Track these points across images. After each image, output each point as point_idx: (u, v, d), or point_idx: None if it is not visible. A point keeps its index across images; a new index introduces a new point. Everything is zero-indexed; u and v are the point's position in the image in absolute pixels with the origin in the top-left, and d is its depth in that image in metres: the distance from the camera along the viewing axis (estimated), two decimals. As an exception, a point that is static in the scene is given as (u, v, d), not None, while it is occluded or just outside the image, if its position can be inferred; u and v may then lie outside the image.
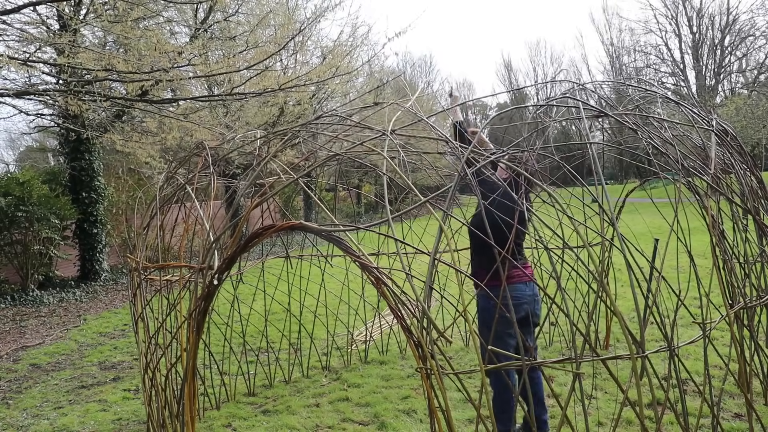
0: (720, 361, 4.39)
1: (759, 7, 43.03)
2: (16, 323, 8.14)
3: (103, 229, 11.59)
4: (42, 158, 19.36)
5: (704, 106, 23.39)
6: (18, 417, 4.54)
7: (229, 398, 4.59)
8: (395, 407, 4.15)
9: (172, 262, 3.33)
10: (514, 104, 34.54)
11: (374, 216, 25.24)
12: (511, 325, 2.51)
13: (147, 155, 10.19)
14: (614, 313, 2.09)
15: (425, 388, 2.29)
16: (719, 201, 2.88)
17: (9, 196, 9.54)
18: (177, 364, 3.20)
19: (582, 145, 4.01)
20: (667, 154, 2.69)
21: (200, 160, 3.66)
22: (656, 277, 2.55)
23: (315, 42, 14.25)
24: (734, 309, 2.73)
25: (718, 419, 2.64)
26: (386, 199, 2.33)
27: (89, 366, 5.89)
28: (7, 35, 6.89)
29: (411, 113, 2.92)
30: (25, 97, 7.82)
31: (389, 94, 20.43)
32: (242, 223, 2.88)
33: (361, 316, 6.20)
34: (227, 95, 8.22)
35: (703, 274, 7.15)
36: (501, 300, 2.29)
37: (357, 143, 2.92)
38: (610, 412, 3.78)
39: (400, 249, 2.34)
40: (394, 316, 2.30)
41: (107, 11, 7.23)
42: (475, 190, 2.42)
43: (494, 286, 3.01)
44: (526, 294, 3.17)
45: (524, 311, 3.16)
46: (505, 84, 53.29)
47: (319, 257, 5.43)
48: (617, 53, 41.99)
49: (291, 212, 15.96)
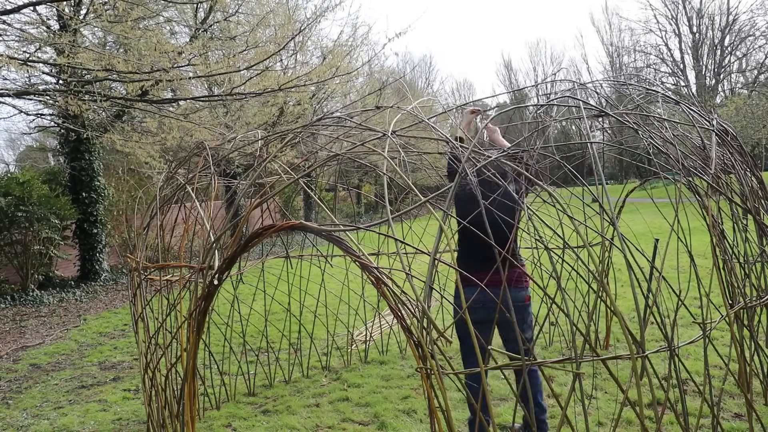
0: (720, 361, 4.39)
1: (759, 7, 43.04)
2: (16, 323, 8.14)
3: (103, 229, 11.59)
4: (42, 158, 19.35)
5: (704, 106, 23.39)
6: (18, 417, 4.54)
7: (229, 398, 4.59)
8: (395, 407, 4.15)
9: (172, 262, 3.33)
10: (514, 104, 34.55)
11: (374, 216, 25.24)
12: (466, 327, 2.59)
13: (147, 155, 10.19)
14: (614, 313, 2.09)
15: (425, 388, 2.29)
16: (719, 201, 2.88)
17: (9, 196, 9.54)
18: (177, 364, 3.20)
19: (582, 144, 4.01)
20: (667, 153, 2.69)
21: (200, 160, 3.66)
22: (656, 277, 2.55)
23: (315, 42, 14.27)
24: (734, 309, 2.73)
25: (718, 419, 2.64)
26: (386, 199, 2.33)
27: (89, 366, 5.89)
28: (7, 35, 6.90)
29: (412, 115, 2.93)
30: (25, 97, 7.82)
31: (389, 94, 20.44)
32: (242, 223, 2.88)
33: (361, 316, 6.20)
34: (227, 95, 8.22)
35: (703, 274, 7.15)
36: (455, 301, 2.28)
37: (357, 144, 2.92)
38: (610, 412, 3.78)
39: (400, 249, 2.34)
40: (394, 316, 2.30)
41: (107, 11, 7.23)
42: (475, 189, 2.40)
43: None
44: (478, 299, 2.98)
45: (480, 315, 3.05)
46: (505, 84, 53.30)
47: (319, 257, 5.43)
48: (617, 53, 42.01)
49: (291, 212, 15.96)
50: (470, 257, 3.33)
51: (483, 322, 2.99)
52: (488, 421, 3.16)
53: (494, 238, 2.29)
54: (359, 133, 3.47)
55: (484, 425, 2.28)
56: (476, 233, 2.33)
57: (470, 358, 3.39)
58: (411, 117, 2.95)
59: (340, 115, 3.43)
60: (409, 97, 3.38)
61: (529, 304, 3.35)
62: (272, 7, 12.01)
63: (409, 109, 2.94)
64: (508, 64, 63.80)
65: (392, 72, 25.65)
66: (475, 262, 3.23)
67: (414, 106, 2.96)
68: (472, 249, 3.32)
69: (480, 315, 3.04)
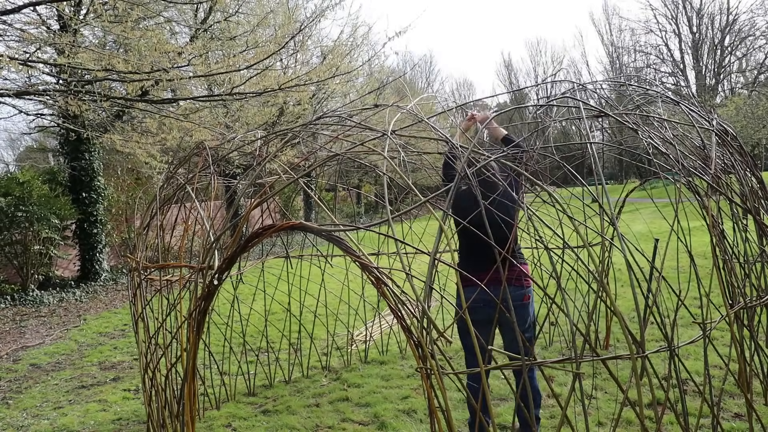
0: (720, 361, 4.39)
1: (759, 7, 43.01)
2: (16, 323, 8.14)
3: (103, 229, 11.59)
4: (42, 158, 19.34)
5: (704, 106, 23.36)
6: (18, 417, 4.54)
7: (229, 398, 4.59)
8: (395, 407, 4.15)
9: (172, 262, 3.33)
10: (515, 104, 34.56)
11: (374, 216, 25.24)
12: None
13: (147, 155, 10.19)
14: (614, 313, 2.08)
15: (425, 388, 2.29)
16: (719, 201, 2.88)
17: (9, 196, 9.54)
18: (177, 364, 3.20)
19: (582, 144, 4.01)
20: (667, 153, 2.69)
21: (200, 160, 3.66)
22: (656, 277, 2.55)
23: (315, 42, 14.27)
24: (734, 309, 2.73)
25: (718, 419, 2.64)
26: (386, 199, 2.33)
27: (89, 366, 5.89)
28: (7, 35, 6.89)
29: (412, 114, 2.92)
30: (25, 97, 7.82)
31: (389, 94, 20.43)
32: (242, 223, 2.88)
33: (361, 316, 6.20)
34: (227, 95, 8.22)
35: (703, 274, 7.15)
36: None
37: (357, 143, 2.92)
38: (610, 412, 3.78)
39: (400, 249, 2.34)
40: (394, 316, 2.30)
41: (107, 11, 7.22)
42: (474, 190, 2.40)
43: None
44: (478, 298, 2.97)
45: (481, 315, 3.07)
46: (505, 84, 53.31)
47: (319, 257, 5.43)
48: (617, 53, 42.04)
49: (291, 212, 15.96)
50: (470, 257, 3.33)
51: (485, 321, 3.00)
52: (488, 422, 3.16)
53: (493, 238, 2.29)
54: (359, 132, 3.47)
55: (484, 425, 2.28)
56: (475, 232, 2.33)
57: (470, 357, 3.39)
58: (411, 116, 2.95)
59: (340, 115, 3.43)
60: (409, 96, 3.38)
61: (528, 303, 3.32)
62: (272, 7, 12.02)
63: (408, 108, 2.94)
64: (508, 64, 63.72)
65: (392, 72, 25.65)
66: (475, 261, 3.23)
67: (413, 105, 2.96)
68: (471, 249, 3.32)
69: (481, 315, 3.05)
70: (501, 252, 2.25)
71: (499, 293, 2.35)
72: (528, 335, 3.30)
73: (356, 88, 18.70)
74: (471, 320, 2.17)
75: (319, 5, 19.44)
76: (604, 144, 3.32)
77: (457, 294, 3.07)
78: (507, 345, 3.38)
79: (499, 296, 2.35)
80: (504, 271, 2.26)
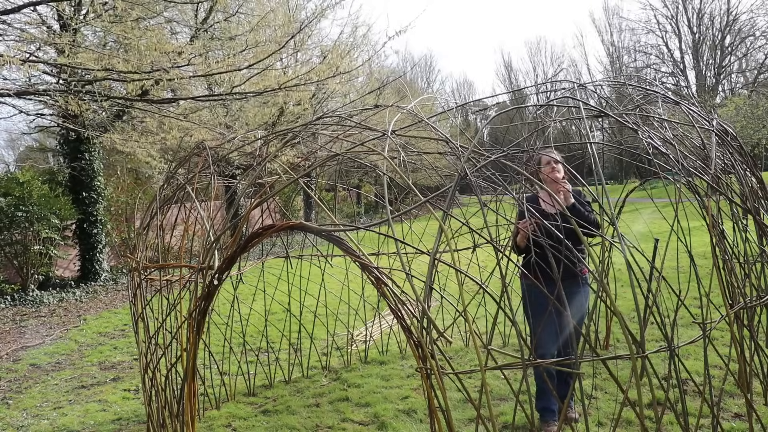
0: (720, 361, 4.39)
1: (759, 7, 42.96)
2: (16, 323, 8.14)
3: (103, 229, 11.59)
4: (42, 158, 19.34)
5: (704, 106, 23.39)
6: (18, 417, 4.54)
7: (229, 398, 4.59)
8: (395, 407, 4.15)
9: (172, 262, 3.33)
10: (514, 104, 34.56)
11: (374, 216, 25.25)
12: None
13: (147, 155, 10.19)
14: (614, 313, 2.08)
15: (425, 388, 2.29)
16: (719, 201, 2.88)
17: (9, 196, 9.54)
18: (177, 364, 3.20)
19: (582, 144, 4.01)
20: (667, 154, 2.69)
21: (200, 160, 3.66)
22: (656, 277, 2.55)
23: (315, 42, 14.25)
24: (734, 309, 2.73)
25: (718, 419, 2.64)
26: (386, 199, 2.33)
27: (89, 366, 5.89)
28: (7, 35, 6.89)
29: (412, 114, 2.92)
30: (25, 97, 7.81)
31: (389, 93, 20.43)
32: (242, 223, 2.88)
33: (361, 316, 6.20)
34: (227, 95, 8.22)
35: (703, 274, 7.15)
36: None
37: (357, 143, 2.92)
38: (610, 412, 3.78)
39: (400, 249, 2.34)
40: (394, 316, 2.30)
41: (107, 11, 7.22)
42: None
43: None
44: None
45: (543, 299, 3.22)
46: (505, 84, 53.32)
47: (319, 257, 5.43)
48: (617, 53, 42.04)
49: (291, 212, 15.96)
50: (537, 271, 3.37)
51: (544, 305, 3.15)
52: (553, 410, 3.57)
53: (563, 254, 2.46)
54: (359, 132, 3.47)
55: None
56: (544, 253, 2.47)
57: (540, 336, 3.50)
58: (411, 116, 2.95)
59: (340, 115, 3.43)
60: (409, 96, 3.38)
61: (582, 291, 3.46)
62: (272, 7, 12.00)
63: (408, 108, 2.94)
64: (508, 64, 63.87)
65: (392, 71, 25.65)
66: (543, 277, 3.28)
67: (413, 105, 2.96)
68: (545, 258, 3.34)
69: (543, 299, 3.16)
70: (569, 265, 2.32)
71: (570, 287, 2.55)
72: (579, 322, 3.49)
73: (356, 88, 18.69)
74: (538, 302, 2.25)
75: (319, 5, 19.40)
76: (604, 144, 3.32)
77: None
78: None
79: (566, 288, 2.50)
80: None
